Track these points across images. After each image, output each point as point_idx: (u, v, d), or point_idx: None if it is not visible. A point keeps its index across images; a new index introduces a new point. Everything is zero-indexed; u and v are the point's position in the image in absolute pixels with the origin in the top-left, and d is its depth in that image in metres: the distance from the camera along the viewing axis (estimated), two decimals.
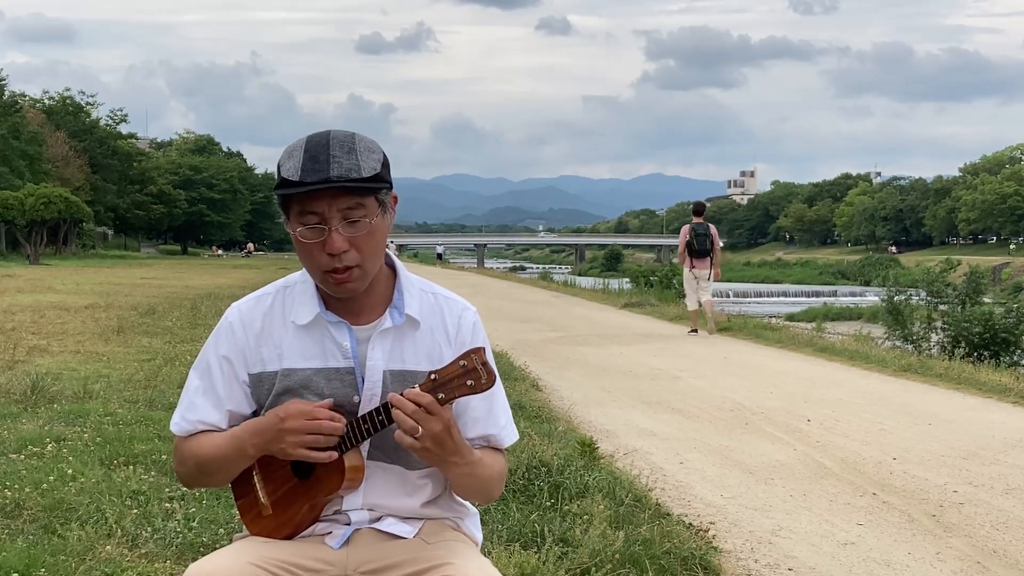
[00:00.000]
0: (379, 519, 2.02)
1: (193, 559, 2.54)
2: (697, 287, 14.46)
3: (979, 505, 5.09)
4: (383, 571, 1.95)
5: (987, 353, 15.31)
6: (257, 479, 2.03)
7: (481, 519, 2.22)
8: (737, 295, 62.47)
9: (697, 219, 14.68)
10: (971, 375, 9.99)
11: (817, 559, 4.20)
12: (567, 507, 4.33)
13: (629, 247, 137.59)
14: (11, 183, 49.34)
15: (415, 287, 2.04)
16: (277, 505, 2.01)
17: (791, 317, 35.63)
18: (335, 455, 1.90)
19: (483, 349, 1.82)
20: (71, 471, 4.73)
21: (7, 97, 56.64)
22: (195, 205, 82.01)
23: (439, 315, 2.03)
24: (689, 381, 9.44)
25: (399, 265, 2.06)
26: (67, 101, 69.53)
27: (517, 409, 6.66)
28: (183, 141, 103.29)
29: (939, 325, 17.22)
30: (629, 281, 29.96)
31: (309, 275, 1.98)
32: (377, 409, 1.90)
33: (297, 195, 1.86)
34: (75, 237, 54.93)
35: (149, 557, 3.65)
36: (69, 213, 47.24)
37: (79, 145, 63.01)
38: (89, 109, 70.46)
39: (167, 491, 4.50)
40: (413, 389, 1.83)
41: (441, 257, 72.40)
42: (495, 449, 2.06)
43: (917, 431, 7.03)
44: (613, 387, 9.05)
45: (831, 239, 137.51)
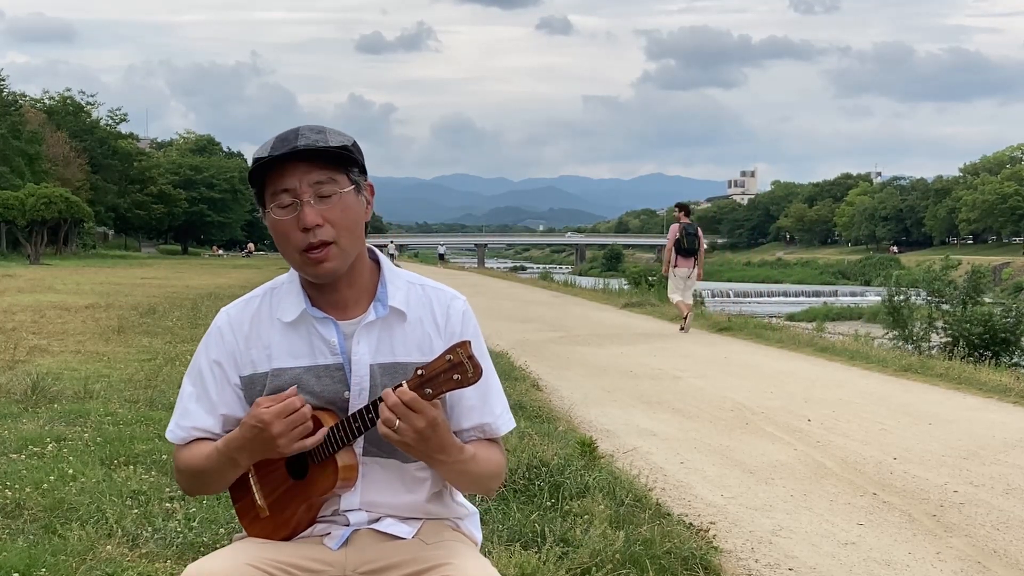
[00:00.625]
0: (378, 519, 2.01)
1: (194, 559, 2.54)
2: (683, 287, 14.68)
3: (979, 505, 5.09)
4: (382, 572, 1.95)
5: (987, 353, 15.32)
6: (253, 481, 2.03)
7: (481, 519, 2.22)
8: (738, 295, 62.46)
9: (686, 219, 14.88)
10: (971, 375, 9.99)
11: (817, 559, 4.20)
12: (567, 507, 4.33)
13: (629, 247, 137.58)
14: (11, 183, 49.36)
15: (400, 279, 2.04)
16: (274, 507, 2.01)
17: (791, 317, 35.62)
18: (325, 431, 1.90)
19: (468, 342, 1.81)
20: (71, 471, 4.74)
21: (7, 96, 56.64)
22: (195, 205, 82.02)
23: (427, 305, 2.03)
24: (689, 381, 9.44)
25: (383, 258, 2.06)
26: (67, 101, 69.54)
27: (517, 409, 6.66)
28: (183, 141, 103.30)
29: (940, 325, 17.22)
30: (627, 282, 29.95)
31: (289, 263, 1.99)
32: (367, 406, 1.89)
33: (269, 173, 1.90)
34: (75, 237, 54.93)
35: (150, 557, 3.65)
36: (70, 213, 47.27)
37: (79, 145, 63.02)
38: (89, 109, 70.50)
39: (167, 491, 4.50)
40: (400, 386, 1.82)
41: (443, 257, 71.79)
42: (491, 441, 2.05)
43: (917, 431, 7.03)
44: (613, 387, 9.05)
45: (831, 239, 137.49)
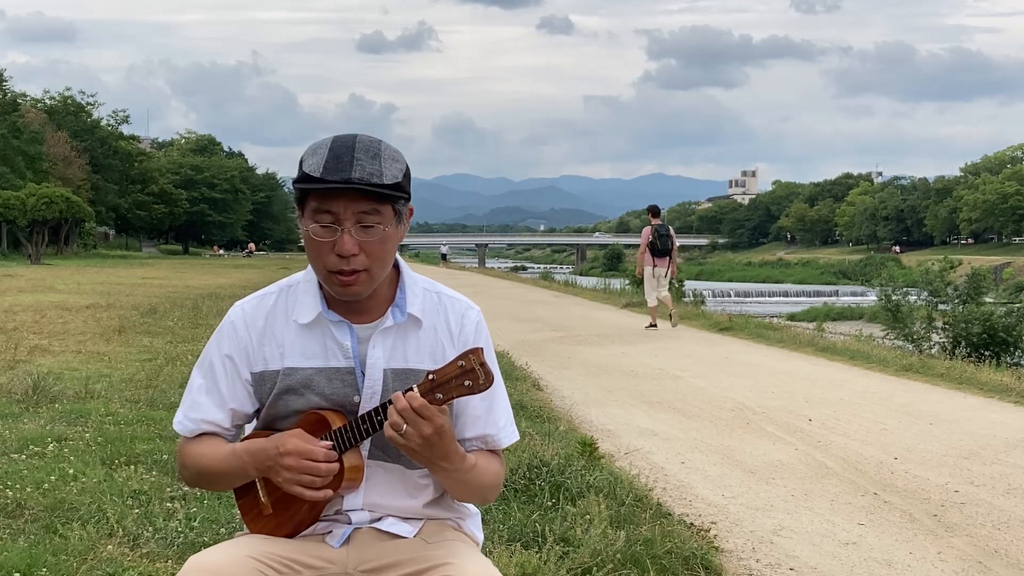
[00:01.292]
0: (379, 519, 2.02)
1: None
2: (657, 285, 15.22)
3: (980, 505, 5.09)
4: (383, 570, 1.95)
5: (988, 353, 15.31)
6: (258, 479, 2.03)
7: (482, 519, 2.22)
8: (738, 295, 62.44)
9: (656, 221, 15.49)
10: (972, 375, 10.00)
11: (818, 559, 4.20)
12: (568, 507, 4.33)
13: (630, 247, 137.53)
14: (12, 183, 49.36)
15: (418, 286, 2.04)
16: (277, 504, 2.01)
17: (792, 317, 35.58)
18: (330, 493, 1.91)
19: (481, 349, 1.82)
20: (72, 471, 4.74)
21: (8, 96, 56.64)
22: (196, 205, 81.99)
23: (442, 314, 2.03)
24: (690, 381, 9.44)
25: (403, 264, 2.05)
26: (68, 101, 69.56)
27: (518, 409, 6.66)
28: (184, 141, 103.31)
29: (939, 325, 17.21)
30: (628, 282, 29.95)
31: (315, 273, 1.98)
32: (376, 409, 1.90)
33: (315, 192, 1.86)
34: (76, 237, 54.93)
35: (150, 557, 3.65)
36: (70, 213, 47.27)
37: (80, 145, 63.03)
38: (90, 109, 70.51)
39: (168, 491, 4.50)
40: (411, 391, 1.83)
41: (445, 257, 71.29)
42: (492, 452, 2.06)
43: (918, 431, 7.03)
44: (614, 387, 9.04)
45: (832, 239, 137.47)
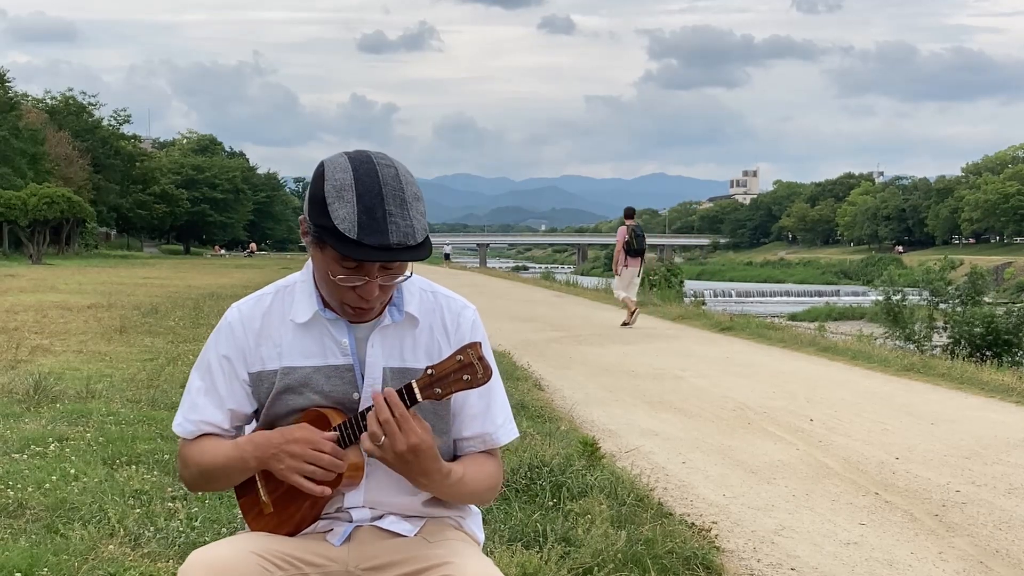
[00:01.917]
0: (381, 517, 2.02)
1: None
2: (629, 283, 15.70)
3: (982, 505, 5.09)
4: (384, 569, 1.95)
5: (989, 353, 15.32)
6: (258, 477, 2.03)
7: (483, 518, 2.22)
8: (740, 295, 62.45)
9: (631, 222, 15.82)
10: (974, 375, 9.99)
11: (820, 559, 4.20)
12: (569, 507, 4.33)
13: None
14: (13, 183, 49.39)
15: (415, 285, 2.05)
16: (278, 503, 2.01)
17: (793, 317, 35.59)
18: (328, 491, 1.90)
19: (479, 344, 1.82)
20: (74, 471, 4.74)
21: (9, 96, 56.65)
22: (198, 205, 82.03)
23: (439, 313, 2.04)
24: (691, 381, 9.44)
25: None
26: (70, 101, 69.61)
27: (519, 409, 6.66)
28: (186, 141, 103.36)
29: (940, 325, 17.23)
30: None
31: (327, 297, 1.96)
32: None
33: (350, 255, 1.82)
34: (78, 237, 54.95)
35: (152, 557, 3.66)
36: (72, 213, 47.28)
37: (82, 145, 63.07)
38: (91, 109, 70.56)
39: (169, 491, 4.51)
40: (410, 386, 1.83)
41: (448, 257, 70.79)
42: (488, 453, 2.06)
43: (919, 431, 7.03)
44: (615, 387, 9.04)
45: (834, 239, 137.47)
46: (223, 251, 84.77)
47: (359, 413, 1.92)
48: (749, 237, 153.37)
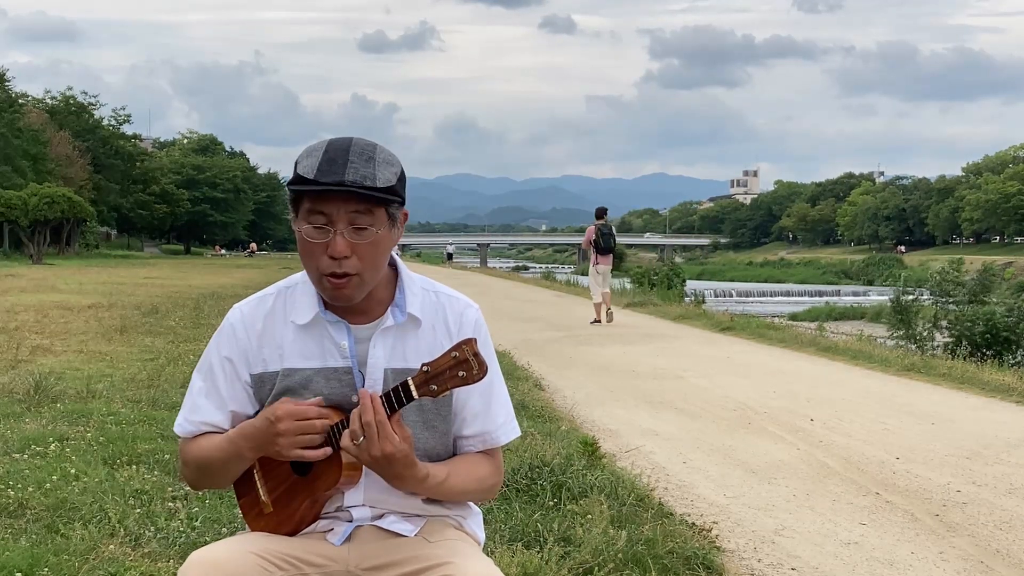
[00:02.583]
0: (381, 516, 2.02)
1: None
2: (602, 281, 15.85)
3: (982, 505, 5.09)
4: (384, 568, 1.95)
5: (990, 352, 15.32)
6: (258, 477, 2.03)
7: (484, 518, 2.22)
8: (740, 294, 62.45)
9: (600, 221, 16.20)
10: (974, 375, 9.99)
11: (820, 558, 4.20)
12: (569, 507, 4.33)
13: (632, 247, 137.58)
14: (14, 183, 49.41)
15: (416, 285, 2.05)
16: (278, 502, 2.01)
17: (794, 317, 35.57)
18: (329, 451, 1.90)
19: (474, 340, 1.82)
20: (74, 471, 4.74)
21: (10, 96, 56.66)
22: (198, 205, 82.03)
23: (441, 313, 2.04)
24: (692, 381, 9.44)
25: (400, 264, 2.06)
26: (70, 101, 69.61)
27: (520, 409, 6.66)
28: (186, 141, 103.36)
29: (943, 324, 17.24)
30: (631, 281, 29.96)
31: (307, 273, 1.98)
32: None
33: (308, 193, 1.87)
34: (78, 237, 54.95)
35: (152, 556, 3.65)
36: (72, 213, 47.30)
37: (82, 145, 63.09)
38: (91, 109, 70.56)
39: (170, 490, 4.51)
40: (406, 383, 1.83)
41: (452, 257, 70.11)
42: (485, 453, 2.06)
43: (920, 431, 7.03)
44: (616, 386, 9.04)
45: (834, 239, 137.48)
46: (223, 251, 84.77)
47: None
48: (749, 237, 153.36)
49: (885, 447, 6.43)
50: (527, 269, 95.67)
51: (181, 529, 3.92)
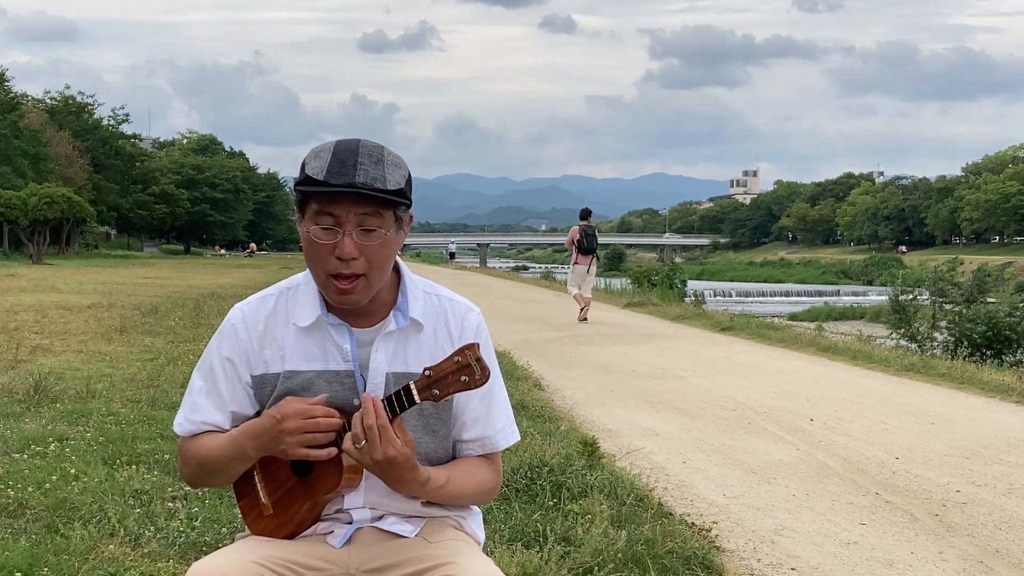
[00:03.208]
0: (381, 518, 2.02)
1: (196, 558, 2.54)
2: (582, 280, 16.47)
3: (982, 505, 5.09)
4: (385, 570, 1.95)
5: (990, 352, 15.33)
6: (258, 479, 2.03)
7: (484, 518, 2.22)
8: (740, 294, 62.47)
9: (584, 222, 16.66)
10: (974, 375, 9.99)
11: (820, 558, 4.20)
12: (569, 506, 4.33)
13: (632, 247, 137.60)
14: (13, 183, 49.40)
15: (419, 289, 2.04)
16: (278, 505, 2.01)
17: (794, 317, 35.58)
18: (335, 451, 1.90)
19: (477, 345, 1.82)
20: (74, 471, 4.74)
21: (9, 96, 56.65)
22: (198, 205, 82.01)
23: (442, 317, 2.04)
24: (692, 381, 9.44)
25: (403, 267, 2.05)
26: (69, 101, 69.60)
27: (519, 409, 6.66)
28: (186, 141, 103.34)
29: (943, 324, 17.24)
30: (631, 281, 29.97)
31: (313, 276, 1.97)
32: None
33: (317, 195, 1.86)
34: (78, 237, 54.94)
35: (152, 556, 3.65)
36: (72, 213, 47.28)
37: (82, 145, 63.07)
38: (91, 109, 70.54)
39: (170, 490, 4.51)
40: (408, 387, 1.83)
41: (454, 256, 69.49)
42: (485, 457, 2.07)
43: (920, 431, 7.03)
44: (615, 386, 9.04)
45: (834, 239, 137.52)
46: (223, 251, 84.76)
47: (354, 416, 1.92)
48: (749, 237, 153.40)
49: (885, 447, 6.43)
50: (527, 269, 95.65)
51: (181, 529, 3.91)
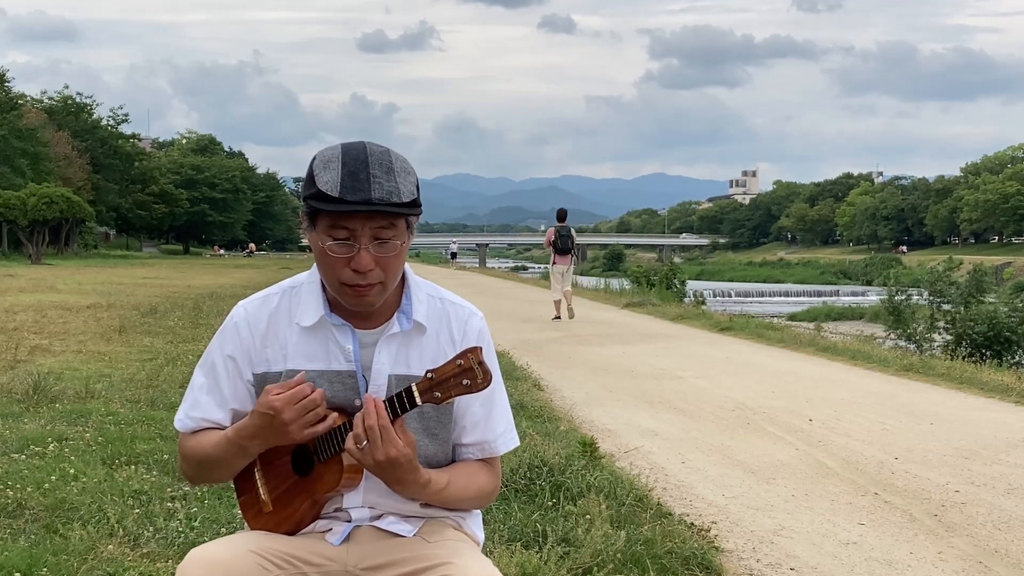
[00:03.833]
0: (380, 517, 2.02)
1: None
2: (561, 280, 16.63)
3: (981, 505, 5.09)
4: (383, 568, 1.95)
5: (989, 352, 15.34)
6: (258, 476, 2.04)
7: (483, 518, 2.22)
8: (739, 295, 62.50)
9: (560, 223, 17.16)
10: (973, 375, 9.99)
11: (819, 559, 4.20)
12: (568, 507, 4.33)
13: (631, 247, 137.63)
14: (13, 183, 49.38)
15: (423, 292, 2.05)
16: (278, 502, 2.01)
17: (793, 317, 35.60)
18: (336, 415, 1.91)
19: (480, 349, 1.82)
20: (73, 471, 4.74)
21: (11, 97, 56.63)
22: (197, 205, 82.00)
23: (445, 320, 2.04)
24: (691, 381, 9.44)
25: (408, 270, 2.05)
26: (68, 101, 69.59)
27: (519, 409, 6.66)
28: (185, 141, 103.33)
29: (941, 325, 17.24)
30: (630, 281, 29.97)
31: (326, 284, 1.97)
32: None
33: (332, 211, 1.85)
34: (77, 237, 54.94)
35: (151, 557, 3.65)
36: (71, 213, 47.29)
37: (81, 145, 63.06)
38: (90, 109, 70.52)
39: (169, 491, 4.51)
40: (410, 389, 1.83)
41: (455, 256, 69.46)
42: (485, 461, 2.07)
43: (919, 431, 7.03)
44: (615, 386, 9.04)
45: (833, 239, 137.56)
46: (222, 251, 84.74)
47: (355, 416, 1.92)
48: (748, 237, 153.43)
49: (884, 447, 6.43)
50: (526, 269, 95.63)
51: (180, 529, 3.92)
